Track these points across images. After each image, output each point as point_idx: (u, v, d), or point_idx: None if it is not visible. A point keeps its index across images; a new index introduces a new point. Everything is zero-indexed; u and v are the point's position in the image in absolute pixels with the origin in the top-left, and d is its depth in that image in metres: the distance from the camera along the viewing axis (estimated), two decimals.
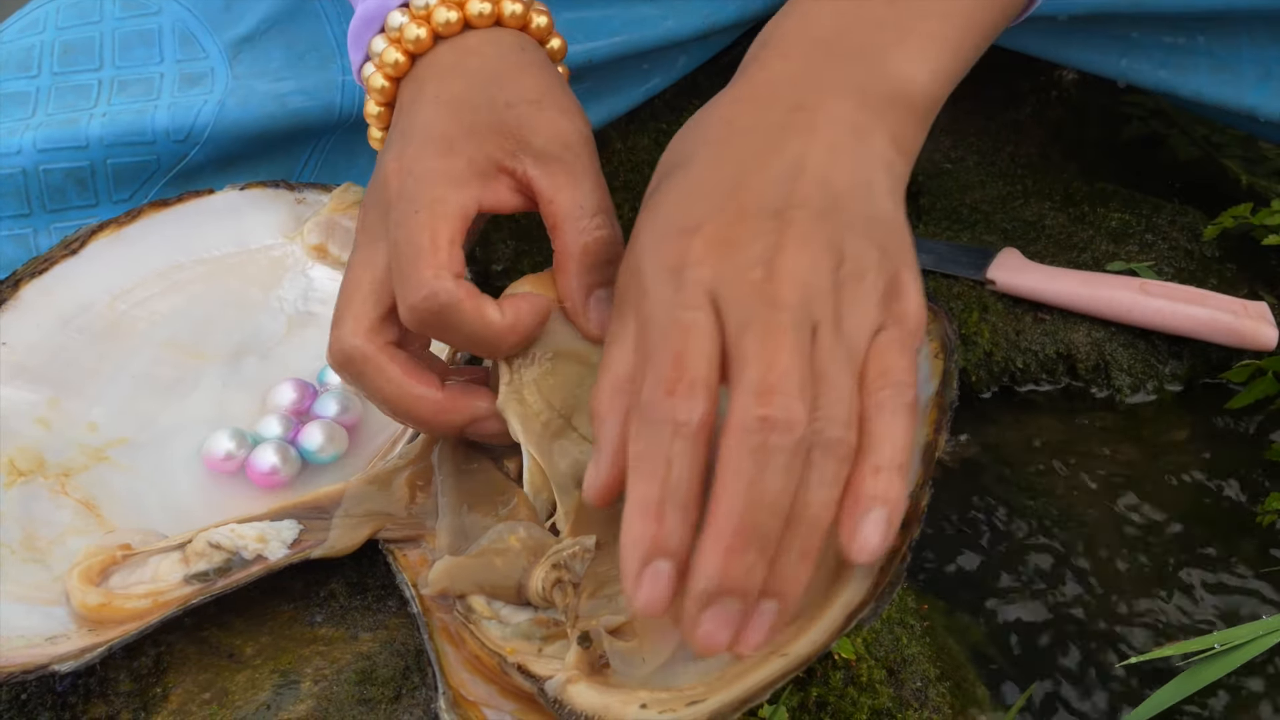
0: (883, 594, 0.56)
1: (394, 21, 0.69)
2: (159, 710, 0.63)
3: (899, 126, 0.60)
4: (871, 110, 0.59)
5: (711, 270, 0.53)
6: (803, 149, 0.57)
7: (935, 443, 0.62)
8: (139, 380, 0.75)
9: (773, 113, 0.59)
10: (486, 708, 0.59)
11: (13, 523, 0.68)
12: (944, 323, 0.68)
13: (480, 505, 0.67)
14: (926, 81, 0.61)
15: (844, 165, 0.57)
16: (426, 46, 0.69)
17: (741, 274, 0.53)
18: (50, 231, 0.86)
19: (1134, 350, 0.88)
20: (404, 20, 0.69)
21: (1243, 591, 0.76)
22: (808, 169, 0.56)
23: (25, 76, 0.87)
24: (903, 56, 0.61)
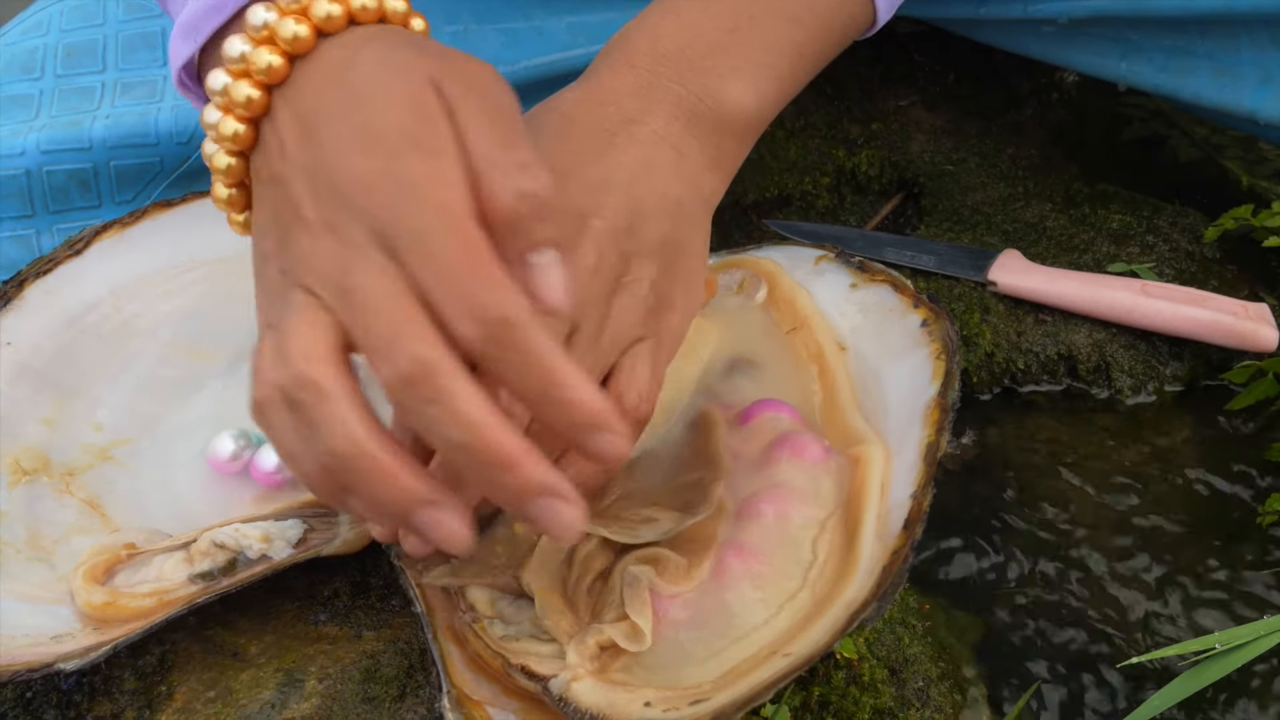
0: (885, 594, 0.56)
1: (256, 19, 0.56)
2: (164, 708, 0.63)
3: (721, 147, 0.66)
4: (697, 132, 0.65)
5: None
6: (621, 160, 0.63)
7: (937, 443, 0.62)
8: (143, 380, 0.76)
9: (608, 120, 0.64)
10: (490, 707, 0.59)
11: (17, 522, 0.68)
12: (945, 324, 0.68)
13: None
14: (753, 107, 0.67)
15: (656, 183, 0.63)
16: (306, 47, 0.56)
17: None
18: (53, 233, 0.86)
19: (1135, 351, 0.88)
20: (269, 17, 0.56)
21: (1244, 592, 0.76)
22: (619, 184, 0.62)
23: (29, 78, 0.87)
24: (735, 83, 0.66)
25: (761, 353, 0.74)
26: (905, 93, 1.07)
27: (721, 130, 0.66)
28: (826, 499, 0.64)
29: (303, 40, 0.55)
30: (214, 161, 0.59)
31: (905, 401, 0.66)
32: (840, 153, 1.03)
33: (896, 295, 0.72)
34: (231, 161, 0.58)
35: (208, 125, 0.58)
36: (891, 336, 0.70)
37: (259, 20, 0.56)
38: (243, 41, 0.56)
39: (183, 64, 0.61)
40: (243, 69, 0.56)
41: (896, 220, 1.03)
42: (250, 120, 0.57)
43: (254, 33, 0.56)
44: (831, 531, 0.62)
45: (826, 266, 0.76)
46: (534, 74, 0.89)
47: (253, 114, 0.57)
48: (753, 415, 0.69)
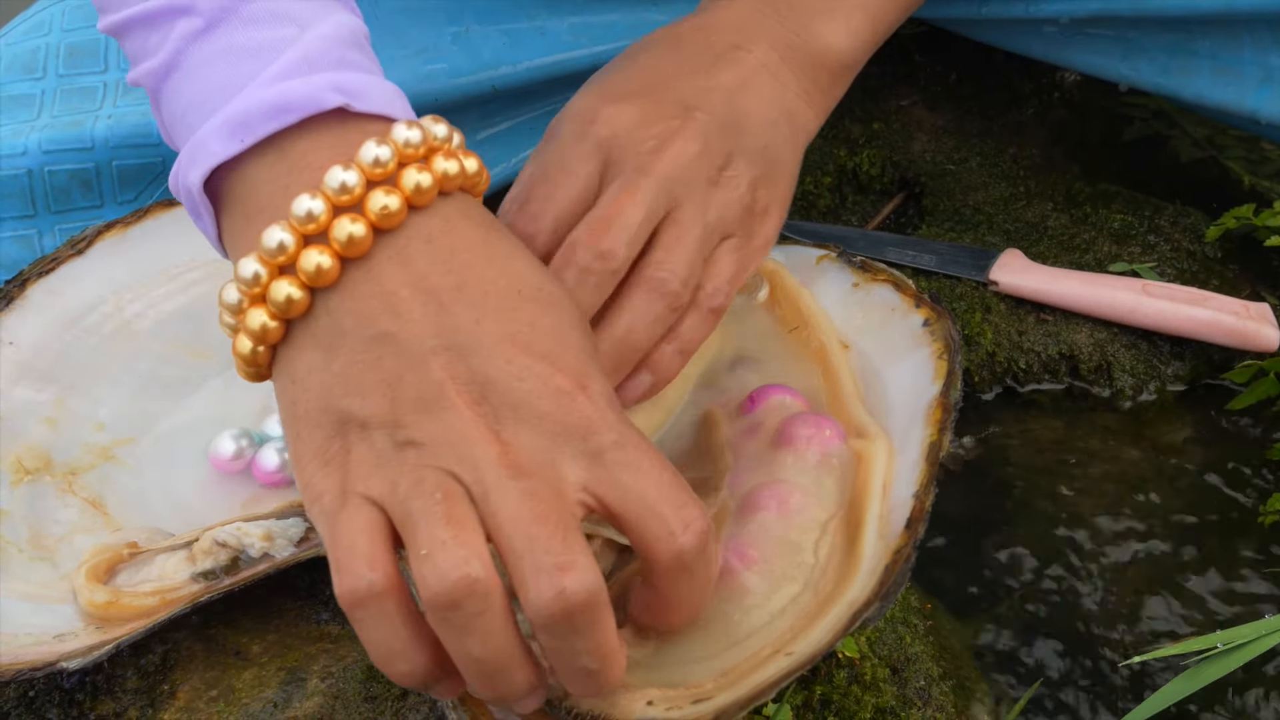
0: (887, 593, 0.56)
1: (334, 180, 0.51)
2: (166, 707, 0.63)
3: (814, 83, 0.70)
4: (793, 65, 0.69)
5: (611, 132, 0.62)
6: (726, 79, 0.66)
7: (940, 443, 0.62)
8: (145, 380, 0.76)
9: (715, 45, 0.68)
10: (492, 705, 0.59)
11: (20, 521, 0.68)
12: (947, 323, 0.68)
13: None
14: (845, 48, 0.71)
15: (755, 103, 0.66)
16: (395, 223, 0.52)
17: (636, 143, 0.62)
18: (55, 233, 0.86)
19: (1136, 351, 0.88)
20: (348, 179, 0.51)
21: (1245, 591, 0.76)
22: (726, 89, 0.66)
23: (30, 78, 0.87)
24: (828, 23, 0.70)
25: (764, 352, 0.74)
26: (907, 92, 1.07)
27: (817, 66, 0.70)
28: (829, 500, 0.64)
29: (425, 192, 0.53)
30: (247, 320, 0.53)
31: (907, 401, 0.66)
32: (841, 152, 1.03)
33: (898, 295, 0.72)
34: (272, 325, 0.53)
35: (242, 279, 0.52)
36: (893, 336, 0.70)
37: (370, 156, 0.52)
38: (345, 171, 0.51)
39: (214, 165, 0.53)
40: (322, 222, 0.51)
41: (898, 220, 1.03)
42: (310, 291, 0.52)
43: (368, 166, 0.52)
44: (833, 533, 0.62)
45: (828, 266, 0.76)
46: (537, 75, 0.89)
47: (321, 283, 0.52)
48: (759, 400, 0.69)
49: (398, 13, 0.87)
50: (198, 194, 0.54)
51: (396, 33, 0.87)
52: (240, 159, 0.53)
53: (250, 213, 0.53)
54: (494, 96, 0.90)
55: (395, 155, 0.52)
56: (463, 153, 0.55)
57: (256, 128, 0.52)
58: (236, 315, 0.53)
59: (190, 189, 0.54)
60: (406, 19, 0.87)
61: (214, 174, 0.54)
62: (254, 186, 0.53)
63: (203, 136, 0.53)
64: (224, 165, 0.53)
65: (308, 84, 0.52)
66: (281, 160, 0.53)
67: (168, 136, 0.59)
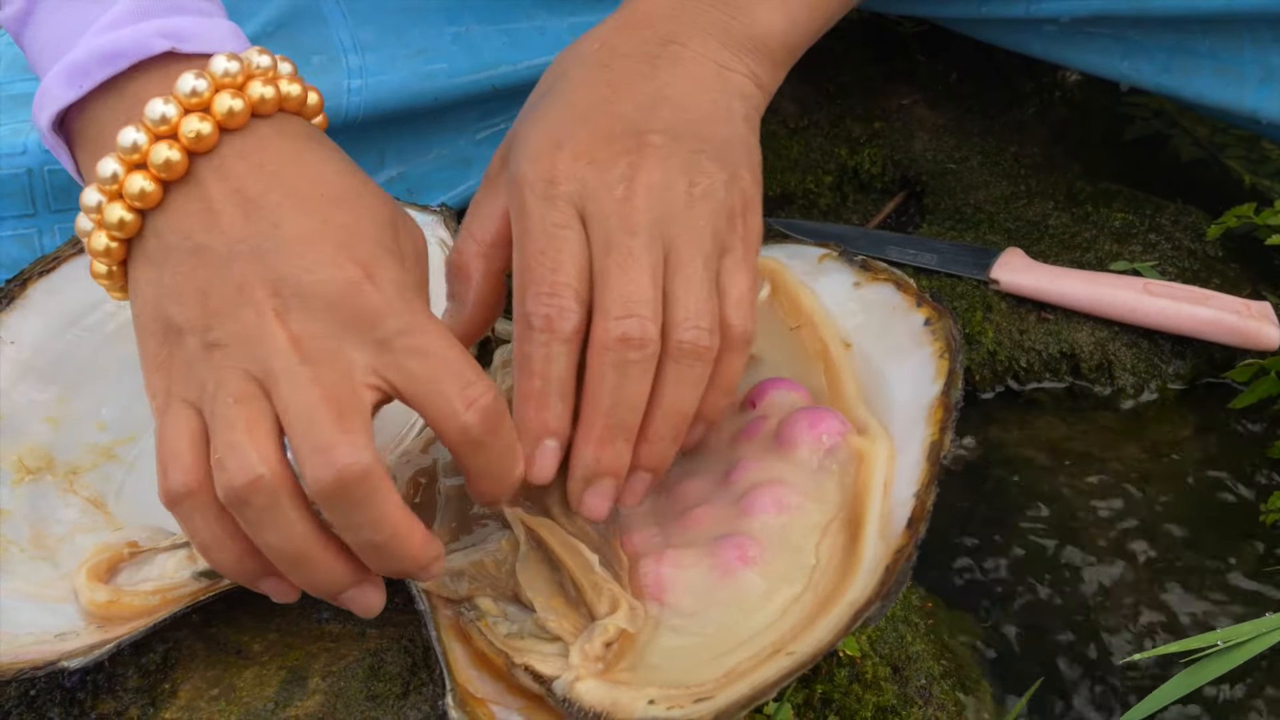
0: (889, 593, 0.56)
1: (154, 112, 0.57)
2: (167, 706, 0.63)
3: (758, 64, 0.69)
4: (733, 50, 0.68)
5: (579, 186, 0.61)
6: (668, 79, 0.65)
7: (941, 442, 0.62)
8: None
9: (647, 44, 0.67)
10: (494, 705, 0.59)
11: (21, 520, 0.68)
12: (948, 322, 0.68)
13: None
14: (784, 31, 0.70)
15: (704, 94, 0.66)
16: (209, 145, 0.58)
17: (605, 190, 0.61)
18: (55, 231, 0.86)
19: (1137, 350, 0.88)
20: (167, 110, 0.57)
21: (1246, 589, 0.76)
22: (670, 97, 0.65)
23: (30, 77, 0.87)
24: (763, 4, 0.69)
25: (765, 350, 0.73)
26: (908, 91, 1.07)
27: (757, 50, 0.69)
28: (830, 500, 0.64)
29: (237, 115, 0.58)
30: (92, 241, 0.59)
31: (909, 400, 0.66)
32: (843, 151, 1.03)
33: (899, 294, 0.72)
34: (113, 245, 0.59)
35: (87, 207, 0.59)
36: (895, 335, 0.70)
37: (187, 87, 0.57)
38: (164, 104, 0.57)
39: (60, 109, 0.60)
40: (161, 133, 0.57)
41: (899, 219, 1.03)
42: (140, 213, 0.58)
43: (185, 97, 0.57)
44: (834, 533, 0.62)
45: (829, 265, 0.76)
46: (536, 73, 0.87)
47: (146, 205, 0.58)
48: (761, 396, 0.69)
49: (398, 12, 0.87)
50: (50, 136, 0.61)
51: (397, 32, 0.87)
52: (84, 101, 0.59)
53: (93, 148, 0.60)
54: (494, 95, 0.90)
55: (211, 85, 0.58)
56: (289, 80, 0.60)
57: (93, 73, 0.58)
58: (87, 238, 0.59)
59: (42, 131, 0.61)
60: (407, 19, 0.87)
61: (67, 113, 0.60)
62: (97, 125, 0.60)
63: (48, 83, 0.60)
64: (72, 106, 0.60)
65: (136, 31, 0.59)
66: (120, 101, 0.59)
67: (39, 74, 0.64)
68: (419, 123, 0.90)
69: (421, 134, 0.91)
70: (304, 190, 0.58)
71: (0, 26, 0.66)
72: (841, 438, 0.65)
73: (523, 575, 0.62)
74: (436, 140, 0.92)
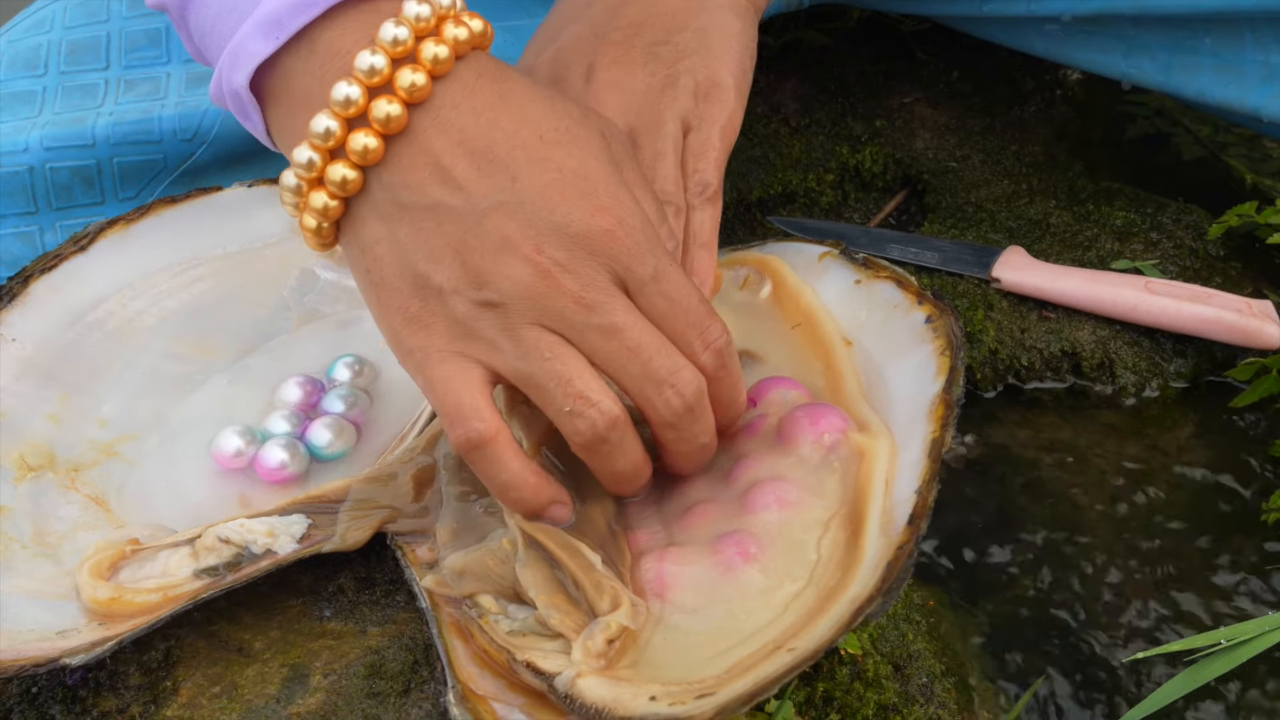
0: (890, 589, 0.56)
1: (363, 63, 0.57)
2: (169, 704, 0.63)
3: None
4: None
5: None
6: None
7: (942, 439, 0.62)
8: (148, 376, 0.76)
9: None
10: (495, 702, 0.59)
11: (23, 517, 0.68)
12: (950, 320, 0.68)
13: (481, 497, 0.67)
14: None
15: None
16: (424, 96, 0.58)
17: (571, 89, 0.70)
18: (57, 230, 0.86)
19: (1138, 348, 0.88)
20: (376, 61, 0.57)
21: (1248, 588, 0.76)
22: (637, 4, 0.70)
23: (32, 75, 0.87)
24: None
25: (765, 348, 0.73)
26: (909, 89, 1.07)
27: None
28: (831, 497, 0.64)
29: (443, 62, 0.58)
30: (311, 199, 0.59)
31: (910, 398, 0.66)
32: (844, 149, 1.03)
33: (900, 292, 0.72)
34: (333, 204, 0.60)
35: (298, 164, 0.59)
36: (896, 333, 0.70)
37: (389, 36, 0.57)
38: (373, 55, 0.57)
39: (258, 64, 0.59)
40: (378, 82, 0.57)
41: (900, 217, 1.03)
42: (362, 169, 0.59)
43: (389, 46, 0.57)
44: (836, 529, 0.62)
45: (830, 263, 0.76)
46: None
47: (369, 162, 0.58)
48: (762, 394, 0.69)
49: None
50: (245, 94, 0.60)
51: None
52: (276, 57, 0.59)
53: (294, 104, 0.59)
54: None
55: (412, 31, 0.57)
56: (467, 15, 0.60)
57: (287, 23, 0.58)
58: (298, 197, 0.60)
59: (238, 90, 0.60)
60: None
61: (255, 74, 0.59)
62: (292, 80, 0.59)
63: (240, 39, 0.59)
64: (263, 65, 0.59)
65: None
66: (312, 53, 0.58)
67: (196, 51, 0.64)
68: None
69: None
70: (524, 136, 0.59)
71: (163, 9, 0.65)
72: (843, 434, 0.65)
73: (523, 575, 0.62)
74: None
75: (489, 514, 0.66)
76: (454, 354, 0.58)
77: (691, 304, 0.60)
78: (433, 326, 0.59)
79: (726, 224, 1.01)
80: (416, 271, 0.58)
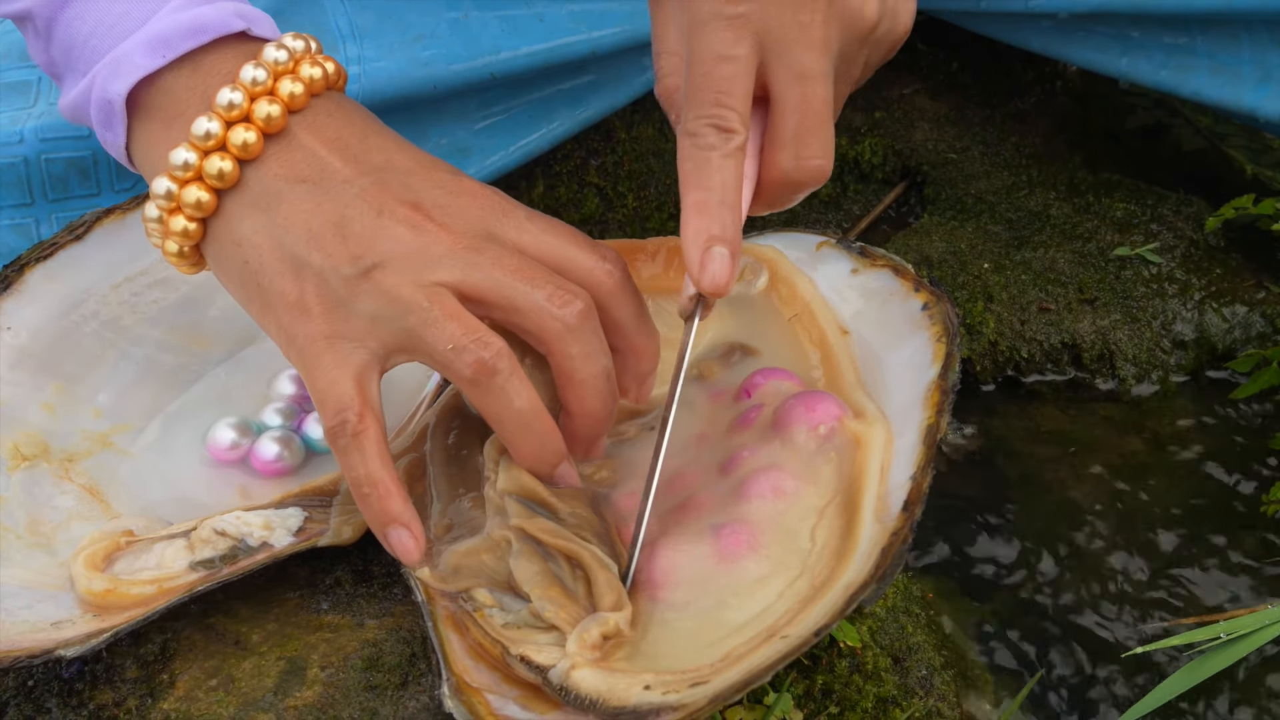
0: (884, 576, 0.56)
1: (222, 99, 0.62)
2: (166, 697, 0.63)
3: None
4: None
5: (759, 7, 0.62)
6: None
7: (938, 425, 0.62)
8: (143, 367, 0.75)
9: None
10: (490, 694, 0.59)
11: (17, 507, 0.68)
12: (946, 306, 0.68)
13: (471, 490, 0.67)
14: None
15: None
16: (301, 105, 0.64)
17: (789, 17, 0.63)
18: (52, 221, 0.86)
19: (1139, 340, 0.88)
20: (258, 74, 0.62)
21: (1249, 581, 0.76)
22: None
23: (27, 65, 0.87)
24: None
25: (762, 339, 0.73)
26: (908, 81, 1.07)
27: None
28: (826, 485, 0.64)
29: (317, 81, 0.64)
30: (184, 195, 0.63)
31: (906, 384, 0.66)
32: (843, 141, 1.03)
33: (897, 280, 0.72)
34: (192, 226, 0.63)
35: (173, 166, 0.62)
36: (893, 320, 0.70)
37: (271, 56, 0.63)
38: (255, 68, 0.62)
39: (141, 77, 0.63)
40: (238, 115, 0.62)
41: (900, 209, 1.03)
42: (238, 162, 0.62)
43: (271, 65, 0.63)
44: (830, 518, 0.62)
45: (828, 252, 0.76)
46: (535, 61, 0.89)
47: (248, 156, 0.62)
48: (757, 385, 0.69)
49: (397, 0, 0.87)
50: (119, 103, 0.64)
51: (395, 18, 0.87)
52: (156, 74, 0.63)
53: (170, 117, 0.63)
54: (492, 84, 0.90)
55: (290, 54, 0.63)
56: (323, 57, 0.65)
57: (177, 45, 0.63)
58: (170, 200, 0.63)
59: (111, 100, 0.64)
60: (404, 4, 0.87)
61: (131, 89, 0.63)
62: (172, 95, 0.63)
63: (125, 51, 0.63)
64: (141, 81, 0.63)
65: (217, 10, 0.64)
66: (195, 72, 0.63)
67: (48, 61, 0.68)
68: (417, 112, 0.89)
69: (420, 124, 0.90)
70: (387, 140, 0.64)
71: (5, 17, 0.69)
72: (838, 422, 0.65)
73: (517, 568, 0.62)
74: (435, 130, 0.91)
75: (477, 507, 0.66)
76: (336, 339, 0.60)
77: (574, 235, 0.63)
78: (312, 310, 0.60)
79: None
80: (295, 254, 0.60)
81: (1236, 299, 0.90)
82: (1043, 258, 0.92)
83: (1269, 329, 0.88)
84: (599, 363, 0.62)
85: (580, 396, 0.62)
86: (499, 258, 0.60)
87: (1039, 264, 0.92)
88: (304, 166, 0.62)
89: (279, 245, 0.61)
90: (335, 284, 0.60)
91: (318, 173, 0.62)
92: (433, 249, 0.60)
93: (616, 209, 1.00)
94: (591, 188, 0.99)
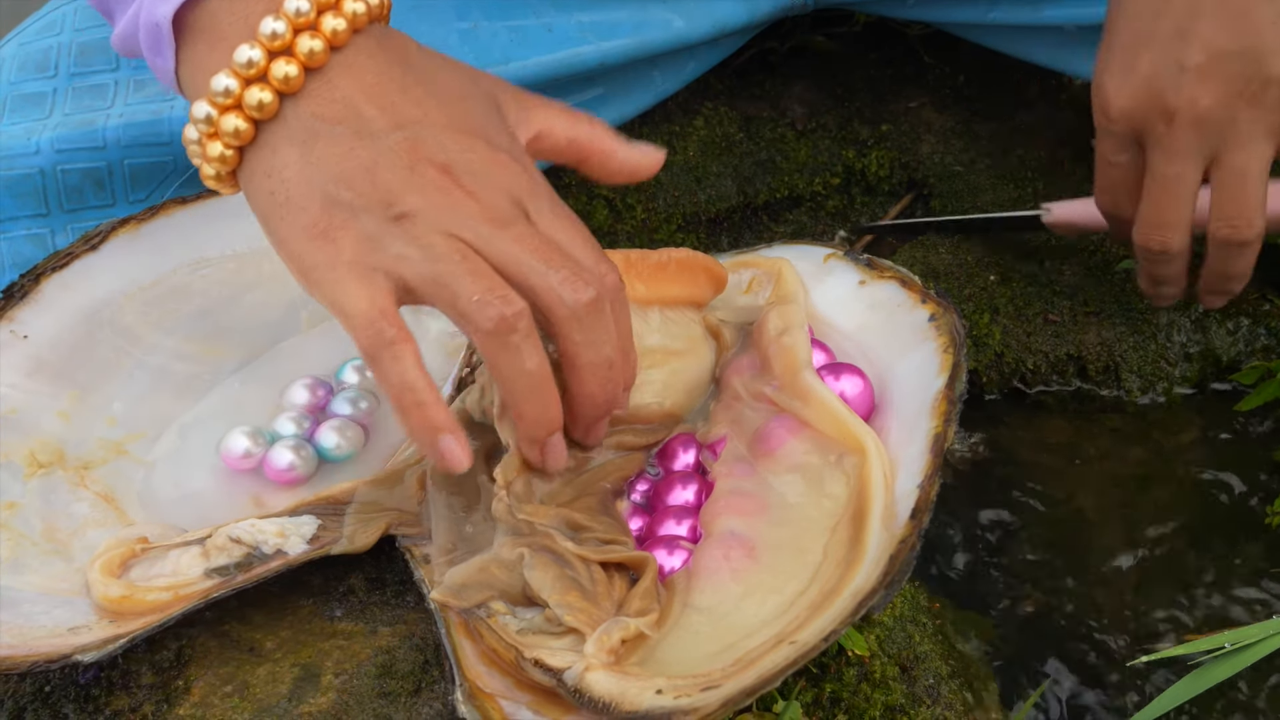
0: (892, 582, 0.57)
1: (265, 28, 0.62)
2: (181, 703, 0.63)
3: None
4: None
5: None
6: None
7: (944, 434, 0.63)
8: (158, 376, 0.76)
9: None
10: (503, 699, 0.59)
11: (33, 514, 0.68)
12: (953, 317, 0.69)
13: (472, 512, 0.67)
14: None
15: None
16: (343, 41, 0.63)
17: None
18: (68, 231, 0.87)
19: (1144, 352, 0.88)
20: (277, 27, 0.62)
21: (1252, 592, 0.76)
22: None
23: (42, 77, 0.87)
24: None
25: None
26: (915, 94, 1.08)
27: None
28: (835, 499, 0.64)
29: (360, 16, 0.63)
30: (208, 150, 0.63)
31: (913, 394, 0.67)
32: (850, 154, 1.03)
33: (904, 291, 0.72)
34: (229, 153, 0.63)
35: (214, 91, 0.62)
36: (900, 331, 0.71)
37: None
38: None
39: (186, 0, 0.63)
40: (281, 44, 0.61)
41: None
42: (279, 95, 0.62)
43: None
44: (841, 529, 0.63)
45: (835, 264, 0.76)
46: (544, 71, 0.89)
47: (289, 90, 0.62)
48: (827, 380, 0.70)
49: (406, 9, 0.87)
50: (166, 27, 0.63)
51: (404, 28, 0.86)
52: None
53: (214, 40, 0.63)
54: None
55: None
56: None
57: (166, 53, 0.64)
58: (209, 125, 0.63)
59: (159, 23, 0.63)
60: (415, 15, 0.87)
61: (177, 11, 0.63)
62: (214, 18, 0.63)
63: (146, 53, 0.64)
64: (187, 3, 0.63)
65: None
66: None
67: None
68: None
69: None
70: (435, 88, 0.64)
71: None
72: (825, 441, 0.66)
73: (532, 578, 0.62)
74: None
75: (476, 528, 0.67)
76: (361, 267, 0.60)
77: (587, 236, 0.64)
78: (340, 241, 0.60)
79: (732, 227, 1.02)
80: (325, 191, 0.61)
81: (1241, 311, 0.90)
82: (1048, 270, 0.93)
83: (1273, 341, 0.89)
84: (602, 352, 0.62)
85: (580, 380, 0.63)
86: (521, 235, 0.61)
87: (1044, 276, 0.92)
88: (340, 109, 0.62)
89: (308, 181, 0.61)
90: (365, 220, 0.60)
91: (354, 118, 0.62)
92: (461, 209, 0.60)
93: (625, 220, 1.00)
94: (600, 199, 1.00)
